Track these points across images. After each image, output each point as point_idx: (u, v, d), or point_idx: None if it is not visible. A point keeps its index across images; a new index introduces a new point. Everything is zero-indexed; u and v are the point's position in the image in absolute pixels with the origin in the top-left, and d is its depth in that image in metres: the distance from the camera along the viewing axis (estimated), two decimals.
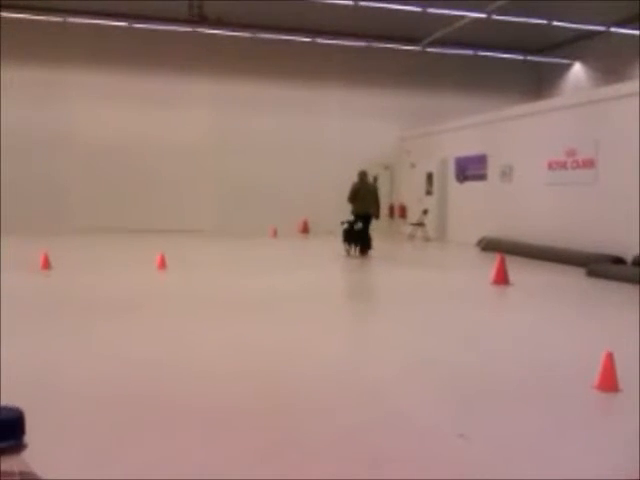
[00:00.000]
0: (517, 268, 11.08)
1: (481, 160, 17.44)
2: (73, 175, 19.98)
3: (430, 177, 19.95)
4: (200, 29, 19.72)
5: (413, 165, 21.29)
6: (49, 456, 2.52)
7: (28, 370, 4.74)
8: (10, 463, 0.80)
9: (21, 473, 0.81)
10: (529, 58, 22.70)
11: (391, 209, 22.56)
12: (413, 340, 6.10)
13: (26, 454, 0.82)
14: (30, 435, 0.84)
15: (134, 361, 5.09)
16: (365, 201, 14.07)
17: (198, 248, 15.83)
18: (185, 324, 6.57)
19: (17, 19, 18.74)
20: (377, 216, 14.27)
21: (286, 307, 7.72)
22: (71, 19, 19.04)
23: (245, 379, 4.65)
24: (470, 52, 21.98)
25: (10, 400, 1.13)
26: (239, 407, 4.04)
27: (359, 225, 13.83)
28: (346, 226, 13.95)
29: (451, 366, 5.11)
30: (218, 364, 5.05)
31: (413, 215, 20.26)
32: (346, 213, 14.45)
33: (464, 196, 18.34)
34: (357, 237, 13.88)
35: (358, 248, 13.84)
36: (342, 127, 21.60)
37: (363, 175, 14.46)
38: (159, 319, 6.82)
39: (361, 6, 17.82)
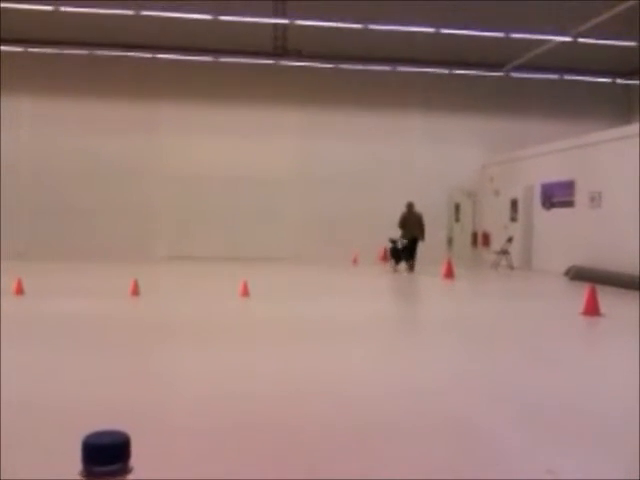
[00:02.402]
0: (609, 299, 10.64)
1: (568, 186, 16.94)
2: (160, 204, 20.72)
3: (515, 204, 19.53)
4: (282, 62, 20.19)
5: (497, 192, 20.90)
6: None
7: (121, 392, 4.89)
8: None
9: None
10: (618, 81, 21.98)
11: (474, 237, 22.18)
12: (497, 373, 5.93)
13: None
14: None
15: (224, 388, 5.16)
16: (412, 227, 16.99)
17: (279, 276, 16.01)
18: (268, 352, 6.63)
19: (111, 56, 19.77)
20: (422, 239, 17.09)
21: (368, 337, 7.68)
22: (160, 55, 19.91)
23: (330, 407, 4.63)
24: (555, 76, 21.51)
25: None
26: (326, 436, 4.02)
27: (403, 244, 16.92)
28: (392, 245, 17.17)
29: (536, 400, 4.93)
30: (301, 390, 5.06)
31: (497, 243, 19.83)
32: (433, 240, 18.49)
33: (551, 223, 17.82)
34: (402, 255, 16.95)
35: (406, 265, 16.83)
36: (424, 154, 21.50)
37: (410, 206, 17.33)
38: (242, 346, 6.91)
39: (442, 33, 17.80)
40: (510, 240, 18.51)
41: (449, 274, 15.05)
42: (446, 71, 21.09)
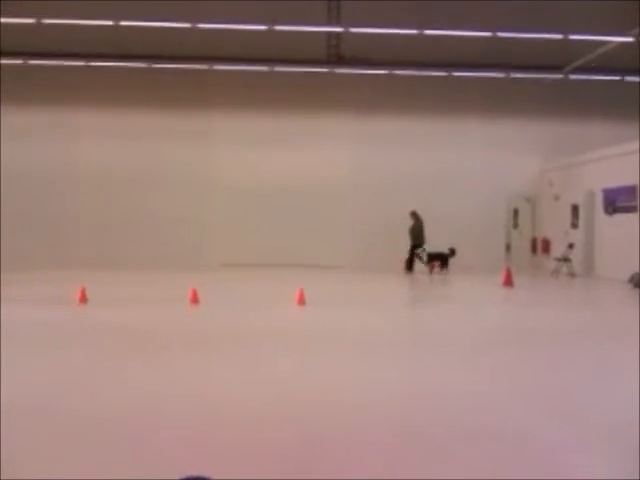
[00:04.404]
0: None
1: (632, 191, 16.42)
2: (218, 214, 21.00)
3: (576, 209, 19.03)
4: (337, 69, 20.21)
5: (557, 197, 20.42)
6: None
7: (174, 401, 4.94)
8: None
9: None
10: None
11: (534, 243, 21.70)
12: (557, 389, 5.76)
13: None
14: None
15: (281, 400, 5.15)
16: (420, 234, 18.72)
17: (335, 284, 15.98)
18: (327, 363, 6.60)
19: (166, 68, 20.17)
20: (422, 244, 18.69)
21: (428, 350, 7.58)
22: (216, 66, 20.19)
23: (389, 423, 4.57)
24: (616, 77, 20.89)
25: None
26: (378, 455, 3.96)
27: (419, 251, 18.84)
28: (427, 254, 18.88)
29: (602, 419, 4.76)
30: (346, 400, 5.01)
31: (557, 249, 19.36)
32: (491, 247, 19.83)
33: (613, 229, 17.30)
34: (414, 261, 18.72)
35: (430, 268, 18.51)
36: (482, 159, 21.19)
37: (413, 214, 18.88)
38: (301, 357, 6.89)
39: (499, 37, 17.53)
40: (571, 246, 18.04)
41: (508, 282, 14.74)
42: (503, 75, 20.75)
